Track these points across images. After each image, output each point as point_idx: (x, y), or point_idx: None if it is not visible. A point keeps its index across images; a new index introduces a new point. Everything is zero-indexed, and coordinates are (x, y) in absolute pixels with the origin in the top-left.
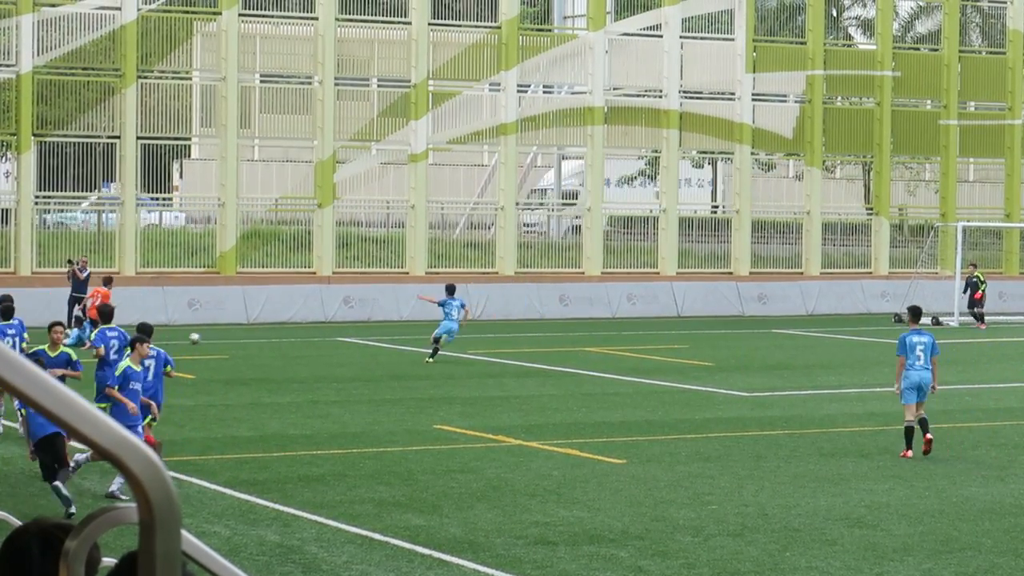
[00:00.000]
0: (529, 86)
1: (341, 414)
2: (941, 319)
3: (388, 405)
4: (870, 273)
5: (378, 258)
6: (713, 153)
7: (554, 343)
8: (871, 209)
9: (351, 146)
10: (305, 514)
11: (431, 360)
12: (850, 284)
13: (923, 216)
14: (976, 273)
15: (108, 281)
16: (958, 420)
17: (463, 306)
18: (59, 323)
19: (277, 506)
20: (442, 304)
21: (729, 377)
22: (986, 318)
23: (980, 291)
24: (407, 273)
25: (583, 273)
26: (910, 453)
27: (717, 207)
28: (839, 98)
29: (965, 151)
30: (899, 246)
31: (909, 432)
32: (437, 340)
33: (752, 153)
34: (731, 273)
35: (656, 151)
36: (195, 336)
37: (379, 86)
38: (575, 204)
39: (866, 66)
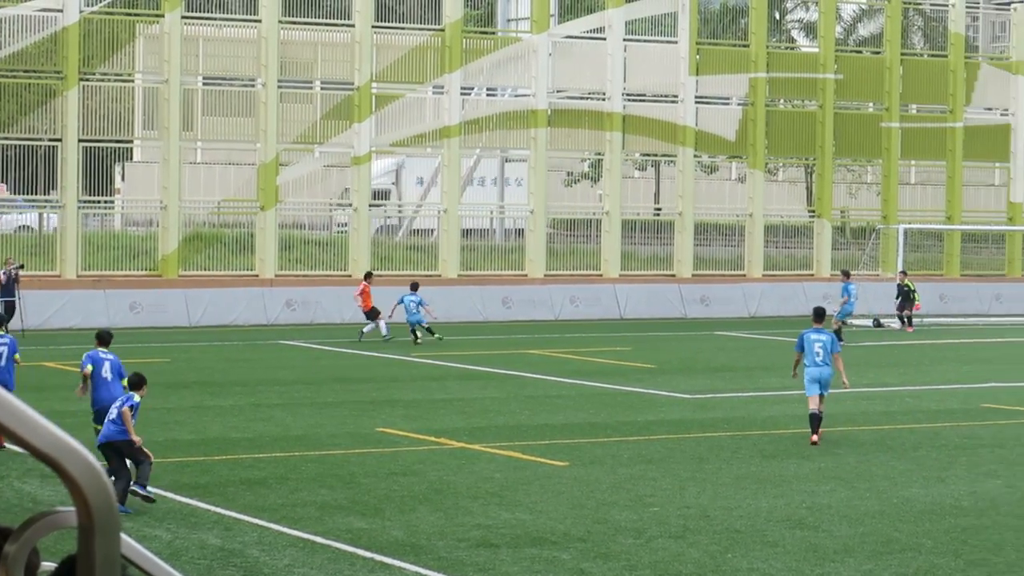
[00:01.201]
0: (473, 89)
1: (283, 417)
2: (883, 321)
3: (331, 408)
4: (812, 275)
5: (321, 261)
6: (656, 156)
7: (497, 346)
8: (813, 211)
9: (294, 149)
10: (247, 517)
11: (419, 342)
12: (792, 286)
13: (865, 218)
14: (906, 281)
15: (368, 276)
16: (899, 421)
17: (420, 304)
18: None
19: (218, 509)
20: (401, 300)
21: (671, 379)
22: (927, 320)
23: (917, 301)
24: (350, 276)
25: (526, 276)
26: (816, 438)
27: (660, 209)
28: (782, 101)
29: (907, 154)
30: (841, 248)
31: (813, 419)
32: (414, 330)
33: (695, 155)
34: (674, 275)
35: (599, 153)
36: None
37: (322, 88)
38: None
39: (809, 69)
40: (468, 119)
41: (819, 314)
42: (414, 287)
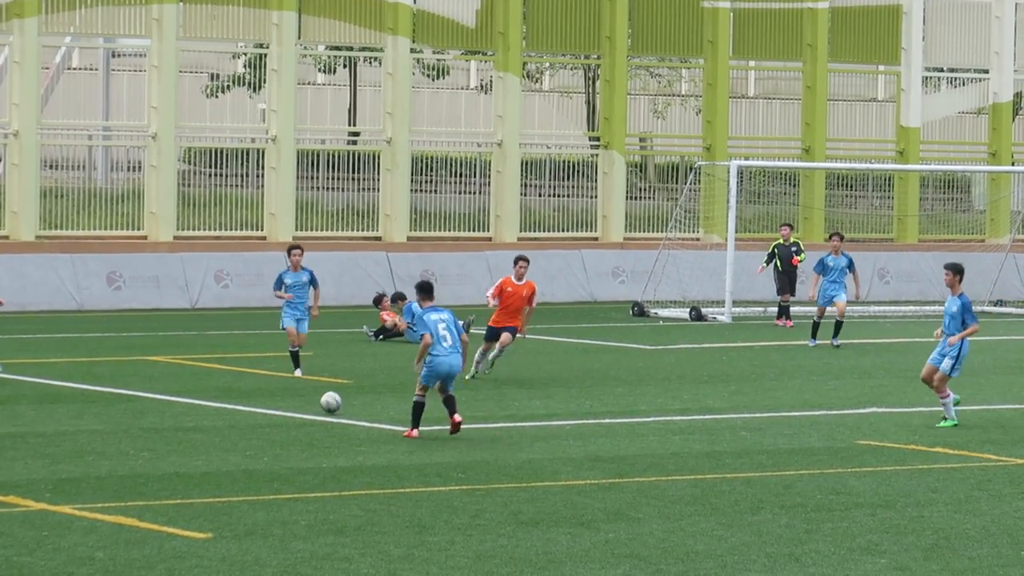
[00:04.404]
0: None
1: None
2: (705, 312)
3: None
4: (596, 239)
5: None
6: (352, 50)
7: (99, 348)
8: (598, 139)
9: None
10: None
11: None
12: (565, 255)
13: (678, 150)
14: (793, 238)
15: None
16: (730, 468)
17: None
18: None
19: None
20: None
21: (375, 402)
22: (767, 310)
23: (800, 258)
24: None
25: (145, 238)
26: (416, 433)
27: (358, 134)
28: None
29: (742, 50)
30: (641, 197)
31: (418, 408)
32: None
33: (412, 50)
34: (379, 238)
35: (262, 45)
36: None
37: None
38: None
39: None
40: None
41: (425, 289)
42: None
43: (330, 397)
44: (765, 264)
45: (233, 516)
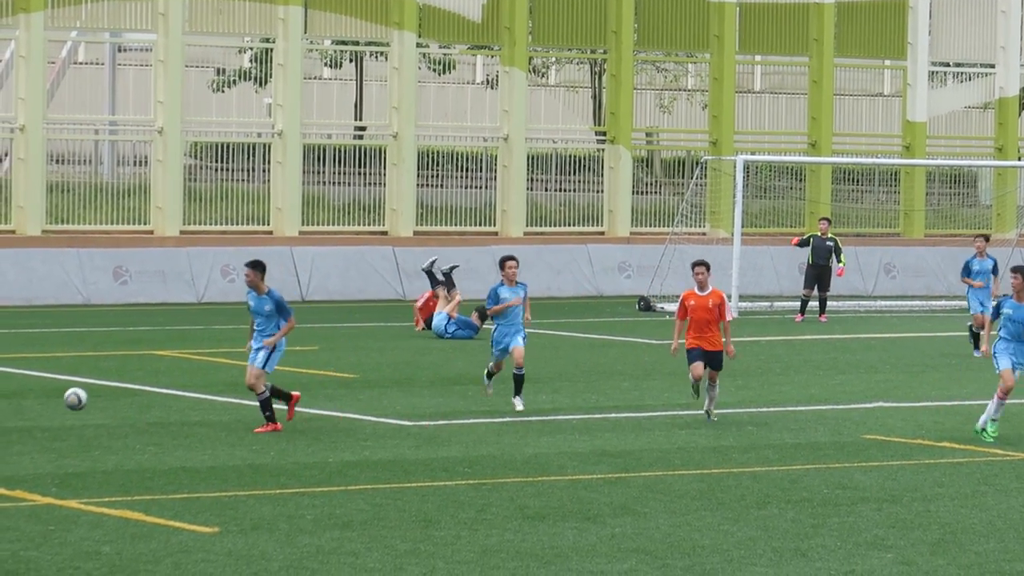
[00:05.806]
0: None
1: None
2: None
3: None
4: (603, 233)
5: None
6: (358, 44)
7: (105, 342)
8: (604, 134)
9: None
10: None
11: None
12: (571, 250)
13: (684, 145)
14: (831, 233)
15: None
16: (736, 463)
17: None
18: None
19: None
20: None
21: (382, 396)
22: (778, 303)
23: (841, 265)
24: None
25: (152, 233)
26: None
27: (364, 129)
28: None
29: (749, 45)
30: (647, 192)
31: (277, 393)
32: None
33: (419, 45)
34: (386, 233)
35: (268, 40)
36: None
37: None
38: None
39: None
40: None
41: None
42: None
43: (73, 396)
44: (799, 244)
45: (239, 510)
